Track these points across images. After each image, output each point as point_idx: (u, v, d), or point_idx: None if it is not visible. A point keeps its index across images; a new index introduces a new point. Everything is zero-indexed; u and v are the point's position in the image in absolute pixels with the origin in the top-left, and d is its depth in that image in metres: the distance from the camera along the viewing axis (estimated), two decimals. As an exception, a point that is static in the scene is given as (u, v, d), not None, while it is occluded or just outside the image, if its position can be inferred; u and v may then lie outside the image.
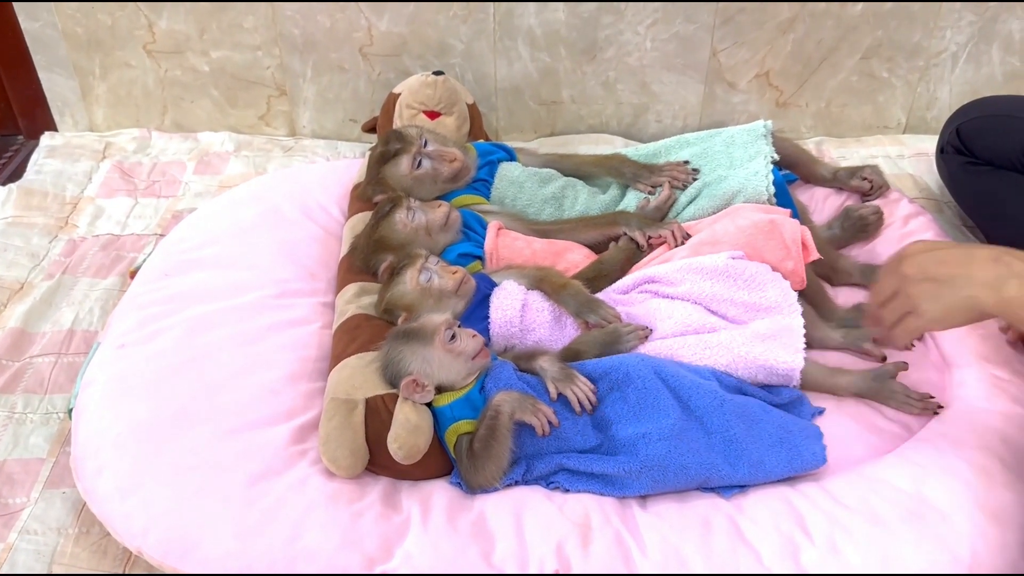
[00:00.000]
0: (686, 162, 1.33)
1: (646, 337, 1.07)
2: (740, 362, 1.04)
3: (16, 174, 1.65)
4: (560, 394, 0.98)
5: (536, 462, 0.97)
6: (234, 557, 0.88)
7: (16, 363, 1.20)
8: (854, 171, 1.42)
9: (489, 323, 1.09)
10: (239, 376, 1.06)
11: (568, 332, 1.09)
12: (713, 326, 1.08)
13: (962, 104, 1.44)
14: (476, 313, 1.10)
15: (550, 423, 0.95)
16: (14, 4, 1.63)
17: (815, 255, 1.16)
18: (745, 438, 0.96)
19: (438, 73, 1.50)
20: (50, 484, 1.03)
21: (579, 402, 0.97)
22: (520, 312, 1.08)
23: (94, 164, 1.65)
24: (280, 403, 1.04)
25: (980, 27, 1.63)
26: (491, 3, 1.59)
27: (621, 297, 1.15)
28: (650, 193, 1.31)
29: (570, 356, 1.05)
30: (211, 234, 1.31)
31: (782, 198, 1.25)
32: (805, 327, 1.07)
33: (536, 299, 1.10)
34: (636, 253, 1.23)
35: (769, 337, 1.05)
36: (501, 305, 1.09)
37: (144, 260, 1.30)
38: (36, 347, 1.22)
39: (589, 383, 0.98)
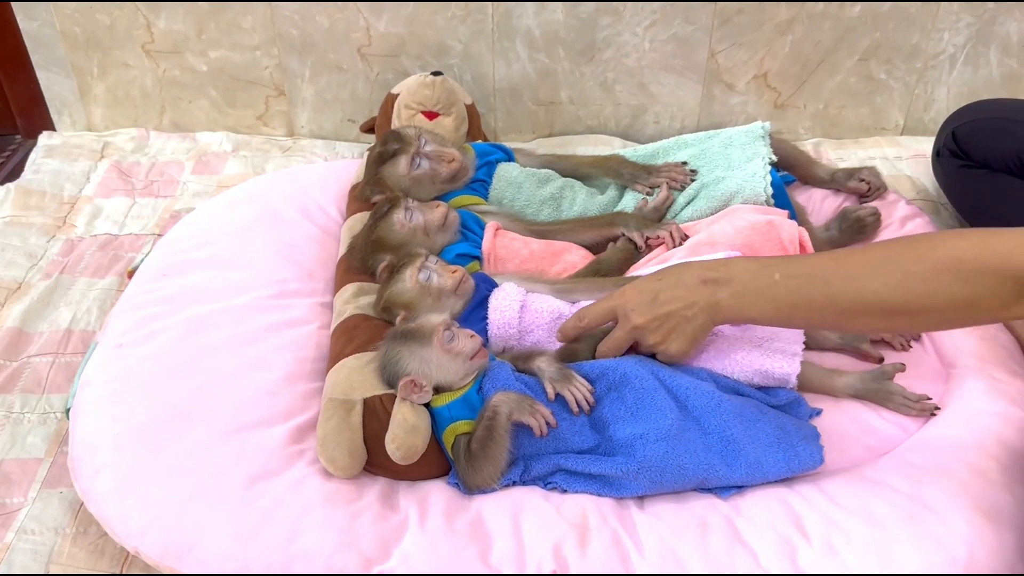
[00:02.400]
0: (684, 163, 1.33)
1: None
2: (737, 366, 1.04)
3: (14, 174, 1.64)
4: (558, 394, 0.98)
5: (534, 462, 0.97)
6: (232, 557, 0.88)
7: (14, 363, 1.19)
8: (852, 172, 1.42)
9: (488, 324, 1.09)
10: (237, 376, 1.06)
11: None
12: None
13: (959, 106, 1.44)
14: (474, 313, 1.10)
15: (548, 424, 0.95)
16: (12, 3, 1.63)
17: (813, 256, 1.16)
18: (742, 439, 0.96)
19: (436, 74, 1.50)
20: (47, 484, 1.03)
21: (577, 402, 0.97)
22: (519, 313, 1.08)
23: (92, 164, 1.65)
24: (278, 403, 1.04)
25: (978, 29, 1.63)
26: (489, 4, 1.60)
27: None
28: (648, 194, 1.31)
29: (567, 356, 1.05)
30: (209, 234, 1.31)
31: (780, 199, 1.25)
32: (803, 328, 1.07)
33: (535, 300, 1.10)
34: (634, 254, 1.23)
35: (766, 340, 1.05)
36: (500, 306, 1.09)
37: (142, 260, 1.30)
38: (34, 347, 1.22)
39: (587, 383, 0.98)
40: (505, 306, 1.09)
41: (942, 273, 0.82)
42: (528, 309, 1.09)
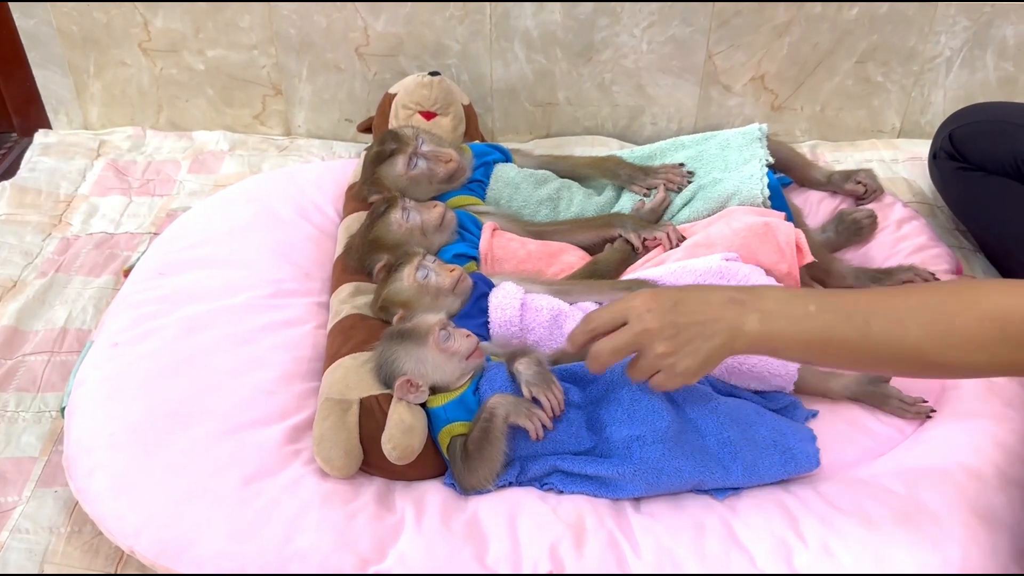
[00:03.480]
0: (681, 165, 1.33)
1: None
2: (734, 371, 1.04)
3: (10, 172, 1.64)
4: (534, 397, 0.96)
5: (530, 464, 0.97)
6: (227, 557, 0.87)
7: (8, 361, 1.19)
8: (848, 175, 1.42)
9: (488, 323, 1.09)
10: (233, 376, 1.06)
11: (566, 333, 1.08)
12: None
13: (956, 109, 1.45)
14: (472, 313, 1.10)
15: (544, 427, 0.95)
16: (9, 2, 1.63)
17: (809, 258, 1.16)
18: (739, 441, 0.97)
19: (434, 74, 1.50)
20: (42, 483, 1.03)
21: (551, 408, 0.95)
22: (519, 311, 1.08)
23: (88, 162, 1.64)
24: (274, 403, 1.03)
25: (975, 32, 1.64)
26: (487, 4, 1.60)
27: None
28: (645, 195, 1.32)
29: (562, 355, 1.05)
30: (205, 233, 1.30)
31: (776, 201, 1.25)
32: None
33: (534, 299, 1.10)
34: (631, 255, 1.23)
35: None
36: (500, 304, 1.09)
37: (138, 259, 1.30)
38: (29, 345, 1.22)
39: (561, 391, 0.96)
40: (506, 304, 1.09)
41: (987, 331, 0.77)
42: (528, 307, 1.09)
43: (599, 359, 0.88)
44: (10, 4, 1.63)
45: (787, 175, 1.43)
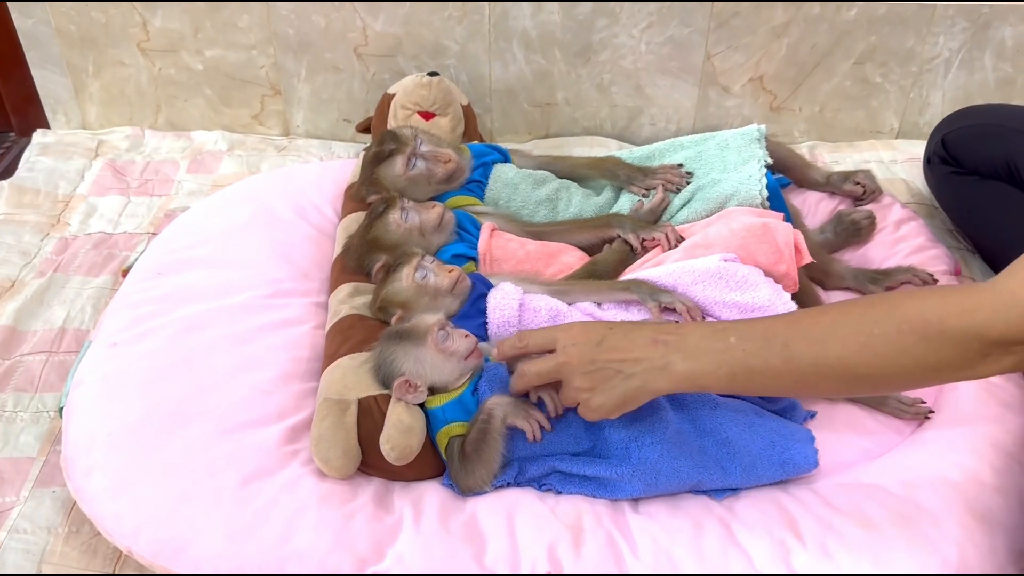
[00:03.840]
0: (680, 165, 1.33)
1: None
2: None
3: (8, 171, 1.64)
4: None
5: (528, 464, 0.97)
6: (225, 558, 0.87)
7: (7, 361, 1.19)
8: (847, 176, 1.43)
9: (486, 323, 1.09)
10: (231, 376, 1.05)
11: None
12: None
13: (955, 110, 1.45)
14: (471, 313, 1.10)
15: (542, 429, 0.95)
16: (8, 1, 1.63)
17: (808, 259, 1.16)
18: (738, 442, 0.97)
19: (433, 74, 1.50)
20: (40, 483, 1.03)
21: (554, 409, 0.95)
22: (518, 312, 1.08)
23: (86, 162, 1.64)
24: (272, 403, 1.03)
25: (973, 33, 1.64)
26: (486, 4, 1.60)
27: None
28: (644, 196, 1.32)
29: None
30: (204, 233, 1.30)
31: (775, 202, 1.25)
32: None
33: (533, 299, 1.10)
34: (630, 255, 1.23)
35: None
36: (499, 305, 1.09)
37: (136, 259, 1.30)
38: (27, 345, 1.22)
39: (540, 413, 0.95)
40: (504, 304, 1.09)
41: (906, 334, 0.77)
42: (526, 308, 1.09)
43: (524, 378, 0.91)
44: (8, 4, 1.63)
45: (786, 176, 1.43)
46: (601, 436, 0.97)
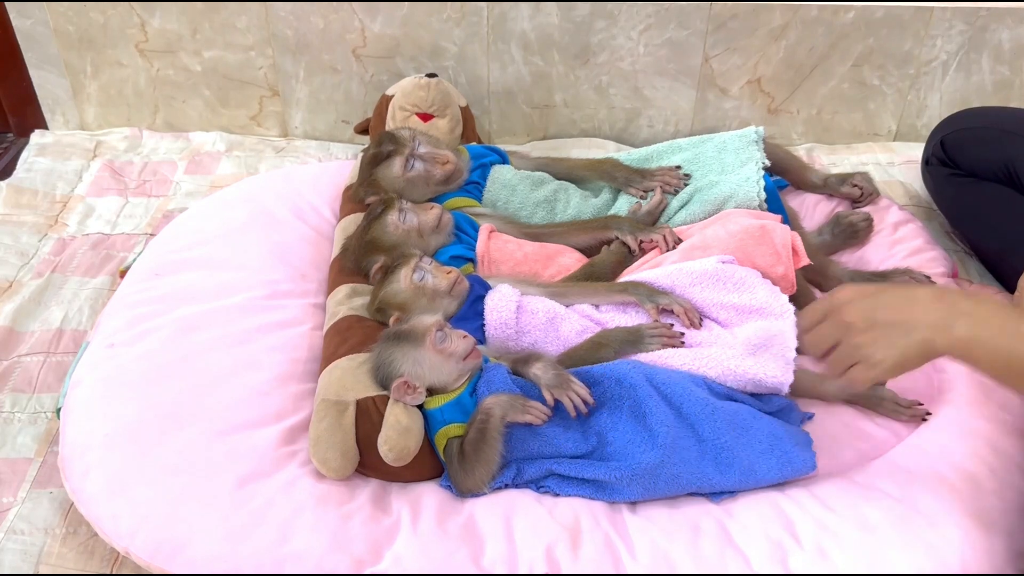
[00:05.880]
0: (678, 167, 1.34)
1: (674, 338, 1.07)
2: (730, 375, 1.04)
3: (6, 172, 1.64)
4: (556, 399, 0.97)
5: (527, 466, 0.97)
6: (222, 558, 0.87)
7: (4, 362, 1.19)
8: (844, 178, 1.43)
9: (484, 325, 1.09)
10: (229, 377, 1.05)
11: (562, 335, 1.09)
12: (703, 340, 1.09)
13: (952, 112, 1.45)
14: (469, 315, 1.10)
15: (541, 428, 0.95)
16: (6, 2, 1.62)
17: (805, 261, 1.17)
18: (736, 445, 0.97)
19: (431, 75, 1.50)
20: (37, 484, 1.03)
21: (575, 405, 0.97)
22: (515, 314, 1.08)
23: (84, 163, 1.64)
24: (270, 404, 1.03)
25: (970, 36, 1.64)
26: (484, 6, 1.60)
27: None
28: (642, 198, 1.32)
29: (567, 359, 1.05)
30: (201, 234, 1.30)
31: (773, 204, 1.26)
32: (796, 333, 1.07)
33: (531, 301, 1.10)
34: (627, 257, 1.23)
35: (760, 347, 1.05)
36: (496, 307, 1.09)
37: (134, 260, 1.30)
38: (24, 346, 1.22)
39: (584, 386, 0.98)
40: (502, 306, 1.09)
41: None
42: (524, 310, 1.09)
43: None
44: (7, 4, 1.63)
45: (783, 178, 1.44)
46: (601, 439, 0.97)
